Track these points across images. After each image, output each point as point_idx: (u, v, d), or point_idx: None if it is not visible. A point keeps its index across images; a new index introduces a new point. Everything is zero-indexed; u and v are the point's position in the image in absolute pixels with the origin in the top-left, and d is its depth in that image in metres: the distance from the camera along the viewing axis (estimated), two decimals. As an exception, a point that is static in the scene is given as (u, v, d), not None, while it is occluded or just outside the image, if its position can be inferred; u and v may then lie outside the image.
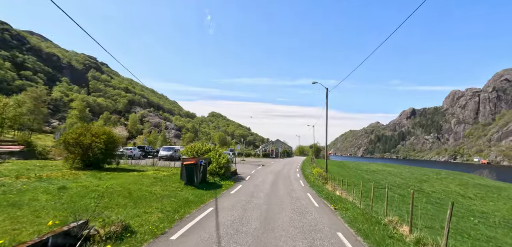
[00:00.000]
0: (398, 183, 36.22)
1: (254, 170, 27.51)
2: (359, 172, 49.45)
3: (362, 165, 69.92)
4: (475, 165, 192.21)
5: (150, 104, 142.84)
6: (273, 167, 34.52)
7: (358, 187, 19.65)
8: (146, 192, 10.65)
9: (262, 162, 45.77)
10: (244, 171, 25.96)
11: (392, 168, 62.04)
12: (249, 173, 24.18)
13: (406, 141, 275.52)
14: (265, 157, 65.80)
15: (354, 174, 43.91)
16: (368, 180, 35.73)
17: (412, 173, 52.56)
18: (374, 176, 43.94)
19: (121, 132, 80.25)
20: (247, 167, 31.28)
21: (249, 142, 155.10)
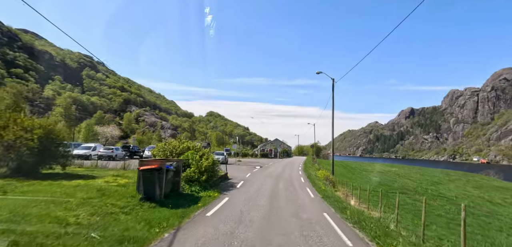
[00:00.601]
0: (412, 187, 31.70)
1: (250, 173, 22.94)
2: (365, 173, 44.94)
3: (365, 165, 65.50)
4: (475, 164, 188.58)
5: (147, 104, 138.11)
6: (272, 168, 29.97)
7: (370, 192, 15.22)
8: (50, 220, 6.05)
9: (259, 162, 41.15)
10: (237, 174, 21.36)
11: (397, 168, 57.58)
12: (242, 178, 19.60)
13: (405, 141, 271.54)
14: (263, 157, 61.22)
15: (360, 176, 39.42)
16: (378, 184, 31.26)
17: (421, 174, 48.05)
18: (382, 177, 39.42)
19: (113, 131, 75.74)
20: (242, 169, 26.70)
21: (248, 142, 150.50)
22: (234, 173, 21.79)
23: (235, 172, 23.55)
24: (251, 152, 66.02)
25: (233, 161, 37.81)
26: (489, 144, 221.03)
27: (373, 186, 27.51)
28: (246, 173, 22.57)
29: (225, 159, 33.27)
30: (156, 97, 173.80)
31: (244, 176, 20.62)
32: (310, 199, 13.17)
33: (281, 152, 70.36)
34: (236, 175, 20.95)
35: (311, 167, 35.52)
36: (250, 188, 15.00)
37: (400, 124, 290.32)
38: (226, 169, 20.05)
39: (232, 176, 19.64)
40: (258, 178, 20.09)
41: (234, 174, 21.00)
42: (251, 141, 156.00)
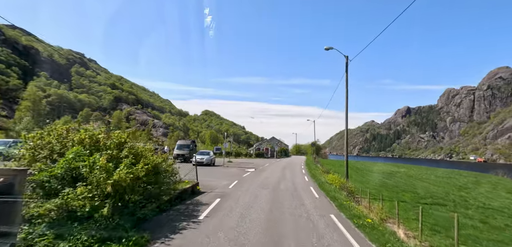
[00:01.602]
0: (439, 194, 25.33)
1: (237, 180, 16.33)
2: (373, 175, 38.47)
3: (369, 164, 59.25)
4: (472, 163, 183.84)
5: (139, 102, 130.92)
6: (268, 172, 23.43)
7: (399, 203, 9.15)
8: None
9: (253, 163, 34.55)
10: (216, 183, 14.77)
11: (405, 168, 51.34)
12: (222, 190, 12.82)
13: (401, 140, 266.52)
14: (259, 156, 54.57)
15: (371, 178, 32.96)
16: (395, 189, 24.91)
17: (435, 175, 41.71)
18: (396, 180, 33.02)
19: (97, 129, 68.83)
20: (229, 174, 20.17)
21: (244, 141, 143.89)
22: (213, 181, 15.20)
23: (217, 178, 16.99)
24: (246, 151, 59.31)
25: (220, 162, 31.28)
26: (486, 143, 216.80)
27: (396, 194, 21.19)
28: (231, 180, 15.92)
29: (210, 160, 26.71)
30: (150, 95, 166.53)
31: (225, 187, 13.68)
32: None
33: (278, 151, 63.74)
34: (215, 184, 14.31)
35: (315, 169, 29.02)
36: (226, 217, 8.15)
37: (397, 123, 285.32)
38: (196, 176, 13.39)
39: (206, 187, 12.98)
40: (246, 189, 13.32)
41: (212, 183, 14.40)
42: (248, 140, 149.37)
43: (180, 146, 31.03)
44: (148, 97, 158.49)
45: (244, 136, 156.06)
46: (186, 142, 31.82)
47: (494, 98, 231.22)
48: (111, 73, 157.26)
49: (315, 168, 30.93)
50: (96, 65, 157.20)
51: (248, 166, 28.90)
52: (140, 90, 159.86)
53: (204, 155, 26.79)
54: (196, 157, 26.10)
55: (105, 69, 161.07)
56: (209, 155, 27.11)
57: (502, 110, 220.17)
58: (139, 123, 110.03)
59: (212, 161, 27.77)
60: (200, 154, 26.81)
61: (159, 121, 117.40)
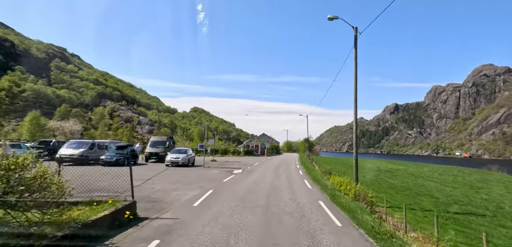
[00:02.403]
0: (458, 197, 21.40)
1: (212, 189, 11.44)
2: (376, 174, 34.48)
3: (365, 162, 55.59)
4: (457, 158, 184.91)
5: (124, 98, 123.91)
6: (258, 174, 18.70)
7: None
8: None
9: (241, 163, 29.85)
10: (180, 195, 9.93)
11: (403, 166, 47.72)
12: (179, 210, 7.74)
13: (390, 136, 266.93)
14: (248, 154, 49.81)
15: (374, 179, 28.84)
16: (407, 191, 20.81)
17: (439, 173, 38.07)
18: (400, 180, 29.00)
19: (73, 126, 63.17)
20: (206, 178, 15.45)
21: (234, 138, 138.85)
22: (177, 192, 10.35)
23: (186, 186, 12.21)
24: (234, 148, 54.41)
25: (200, 161, 26.45)
26: (471, 139, 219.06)
27: (413, 199, 17.04)
28: (204, 190, 11.03)
29: (187, 159, 21.85)
30: (137, 92, 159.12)
31: (187, 206, 8.46)
32: None
33: (269, 148, 59.16)
34: (175, 197, 9.36)
35: (313, 169, 24.53)
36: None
37: (385, 120, 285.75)
38: (132, 189, 8.50)
39: (156, 206, 8.08)
40: (218, 213, 8.27)
41: (170, 196, 9.54)
42: (238, 137, 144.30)
43: (154, 142, 26.02)
44: (135, 94, 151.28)
45: (235, 133, 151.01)
46: (161, 138, 26.84)
47: (479, 95, 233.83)
48: (95, 69, 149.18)
49: (313, 168, 26.47)
50: (79, 60, 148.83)
51: (234, 166, 24.19)
52: (127, 87, 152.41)
53: (180, 153, 21.91)
54: (169, 156, 21.23)
55: (89, 65, 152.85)
56: (186, 153, 22.23)
57: (486, 107, 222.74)
58: (123, 120, 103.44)
59: (191, 160, 22.93)
60: (175, 152, 21.94)
61: (145, 118, 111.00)
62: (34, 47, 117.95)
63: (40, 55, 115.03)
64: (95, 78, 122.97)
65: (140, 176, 15.21)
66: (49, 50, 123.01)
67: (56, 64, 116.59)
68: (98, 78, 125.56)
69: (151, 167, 20.47)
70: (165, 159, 21.03)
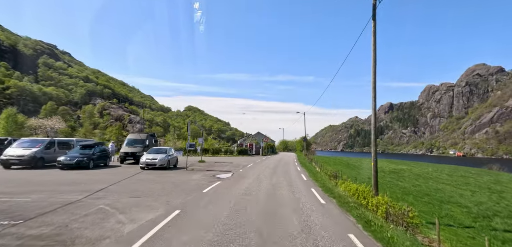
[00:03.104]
0: (489, 205, 18.24)
1: (181, 208, 7.78)
2: (383, 176, 31.25)
3: (363, 161, 52.53)
4: (451, 157, 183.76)
5: (116, 96, 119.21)
6: (251, 179, 14.98)
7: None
8: None
9: (232, 164, 26.30)
10: (128, 220, 6.56)
11: (405, 165, 44.66)
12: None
13: (384, 135, 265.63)
14: (242, 154, 46.15)
15: (382, 182, 25.51)
16: (425, 197, 17.58)
17: (447, 174, 35.02)
18: (411, 183, 25.82)
19: (56, 124, 59.40)
20: (183, 186, 11.93)
21: (229, 137, 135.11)
22: (120, 218, 6.79)
23: (149, 198, 8.75)
24: (227, 147, 50.72)
25: (189, 163, 22.90)
26: (464, 137, 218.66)
27: (438, 208, 13.81)
28: (165, 213, 6.98)
29: (166, 161, 18.22)
30: (129, 90, 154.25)
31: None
32: None
33: (265, 147, 55.62)
34: (109, 230, 5.46)
35: (316, 172, 20.96)
36: None
37: (380, 119, 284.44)
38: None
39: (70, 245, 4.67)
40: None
41: (108, 226, 5.99)
42: (233, 136, 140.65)
43: (131, 141, 22.29)
44: (127, 92, 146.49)
45: (229, 132, 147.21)
46: (140, 136, 23.09)
47: (472, 94, 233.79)
48: (86, 67, 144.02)
49: (315, 169, 23.02)
50: (69, 57, 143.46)
51: (223, 169, 20.64)
52: (119, 85, 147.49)
53: (159, 153, 18.27)
54: (145, 157, 17.63)
55: (80, 62, 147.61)
56: (166, 153, 18.58)
57: (479, 106, 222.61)
58: (113, 118, 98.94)
59: (172, 161, 19.33)
60: (152, 153, 18.31)
61: (136, 116, 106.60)
62: (21, 43, 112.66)
63: (27, 52, 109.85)
64: (85, 76, 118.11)
65: (95, 182, 11.60)
66: (37, 47, 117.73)
67: (44, 61, 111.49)
68: (89, 76, 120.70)
69: (122, 170, 16.83)
70: (140, 160, 17.43)
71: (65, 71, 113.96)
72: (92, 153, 17.06)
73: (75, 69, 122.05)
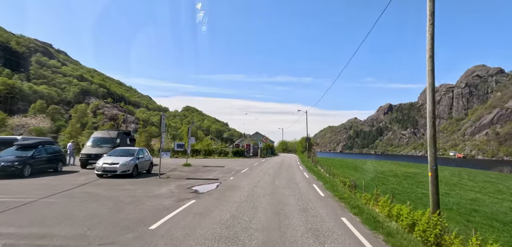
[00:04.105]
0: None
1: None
2: (399, 182, 27.01)
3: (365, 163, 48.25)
4: (452, 158, 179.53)
5: (111, 95, 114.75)
6: (242, 197, 10.35)
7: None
8: None
9: (225, 168, 21.92)
10: None
11: (415, 168, 40.42)
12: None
13: (383, 136, 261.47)
14: (237, 156, 41.63)
15: (410, 190, 21.37)
16: (473, 214, 13.36)
17: (469, 179, 30.80)
18: (448, 193, 21.40)
19: (40, 123, 55.44)
20: (125, 214, 7.67)
21: (227, 138, 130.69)
22: None
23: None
24: (222, 148, 46.21)
25: (174, 166, 18.52)
26: (464, 139, 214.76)
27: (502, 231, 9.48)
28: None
29: (132, 165, 13.75)
30: (126, 90, 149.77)
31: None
32: None
33: (263, 148, 51.17)
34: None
35: (330, 179, 16.21)
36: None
37: (379, 120, 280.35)
38: None
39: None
40: None
41: None
42: (231, 137, 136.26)
43: (96, 140, 17.85)
44: (124, 91, 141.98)
45: (228, 133, 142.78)
46: (109, 133, 18.68)
47: (472, 95, 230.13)
48: (82, 66, 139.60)
49: (325, 175, 18.54)
50: (65, 56, 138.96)
51: (209, 176, 16.24)
52: (115, 84, 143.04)
53: (123, 156, 13.84)
54: (102, 161, 13.22)
55: (75, 61, 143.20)
56: (133, 156, 14.14)
57: (479, 107, 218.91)
58: (107, 118, 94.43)
59: (143, 166, 14.95)
60: (114, 155, 13.91)
61: (131, 116, 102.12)
62: (14, 40, 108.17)
63: (20, 50, 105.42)
64: (80, 75, 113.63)
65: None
66: (31, 45, 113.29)
67: (37, 59, 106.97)
68: (83, 75, 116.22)
69: (71, 178, 12.44)
70: (96, 164, 13.04)
71: (59, 69, 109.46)
72: (32, 155, 12.71)
73: (70, 68, 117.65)
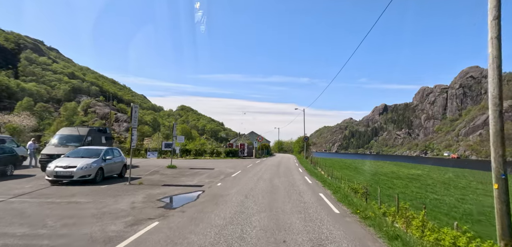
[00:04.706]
0: None
1: None
2: (403, 183, 24.99)
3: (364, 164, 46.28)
4: (446, 159, 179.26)
5: (103, 94, 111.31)
6: (227, 213, 7.73)
7: None
8: None
9: (214, 172, 19.49)
10: None
11: (419, 170, 38.50)
12: None
13: (379, 137, 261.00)
14: (230, 156, 39.09)
15: (413, 194, 19.28)
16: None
17: (478, 182, 28.94)
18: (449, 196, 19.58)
19: (24, 121, 52.67)
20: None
21: (222, 138, 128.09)
22: None
23: None
24: (214, 147, 43.61)
25: (157, 166, 16.04)
26: (458, 139, 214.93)
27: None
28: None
29: (94, 168, 11.15)
30: (120, 88, 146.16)
31: None
32: None
33: (259, 148, 48.78)
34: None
35: (338, 186, 13.48)
36: None
37: (374, 120, 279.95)
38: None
39: None
40: None
41: None
42: (226, 137, 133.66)
43: (63, 138, 15.24)
44: (117, 90, 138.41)
45: (223, 133, 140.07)
46: (79, 130, 15.95)
47: (465, 96, 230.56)
48: (74, 64, 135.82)
49: (330, 180, 16.16)
50: (56, 54, 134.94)
51: (192, 182, 13.77)
52: (109, 83, 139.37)
53: (84, 157, 11.33)
54: (54, 164, 10.70)
55: (68, 59, 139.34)
56: (97, 157, 11.63)
57: (473, 108, 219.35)
58: (98, 117, 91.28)
59: (111, 169, 12.44)
60: (72, 156, 11.38)
61: (124, 115, 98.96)
62: (2, 36, 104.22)
63: (9, 46, 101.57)
64: (71, 72, 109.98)
65: None
66: (20, 41, 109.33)
67: (26, 55, 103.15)
68: (75, 73, 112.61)
69: (16, 186, 9.89)
70: (47, 168, 10.52)
71: (49, 67, 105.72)
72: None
73: (61, 65, 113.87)
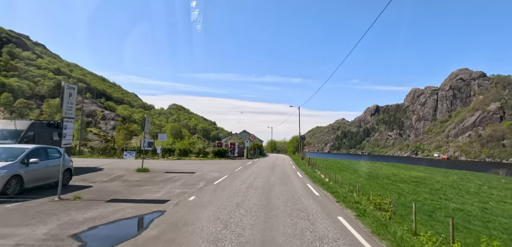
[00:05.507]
0: None
1: None
2: (411, 188, 22.32)
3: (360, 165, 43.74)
4: (435, 160, 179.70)
5: (90, 91, 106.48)
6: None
7: None
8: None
9: (193, 176, 16.42)
10: None
11: (420, 172, 36.12)
12: None
13: (370, 137, 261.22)
14: (219, 156, 35.86)
15: (427, 202, 16.56)
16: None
17: (484, 184, 26.57)
18: (472, 206, 16.98)
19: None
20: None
21: (214, 137, 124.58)
22: None
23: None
24: (201, 146, 40.28)
25: (126, 169, 12.88)
26: (448, 140, 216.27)
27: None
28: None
29: (3, 177, 7.86)
30: (109, 86, 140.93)
31: None
32: None
33: (250, 148, 45.66)
34: None
35: (353, 199, 10.59)
36: None
37: (366, 121, 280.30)
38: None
39: None
40: None
41: None
42: (218, 136, 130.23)
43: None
44: (106, 87, 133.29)
45: (215, 132, 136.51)
46: (16, 124, 12.66)
47: (455, 98, 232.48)
48: (62, 60, 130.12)
49: (338, 188, 13.22)
50: (42, 49, 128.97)
51: (156, 195, 10.63)
52: (97, 80, 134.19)
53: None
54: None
55: (55, 55, 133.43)
56: (14, 160, 8.42)
57: (462, 110, 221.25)
58: (85, 114, 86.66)
59: (42, 175, 9.25)
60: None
61: (111, 113, 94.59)
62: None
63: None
64: (57, 68, 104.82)
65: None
66: (2, 35, 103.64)
67: (8, 50, 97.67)
68: (61, 68, 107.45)
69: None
70: None
71: (33, 62, 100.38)
72: None
73: (46, 60, 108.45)
